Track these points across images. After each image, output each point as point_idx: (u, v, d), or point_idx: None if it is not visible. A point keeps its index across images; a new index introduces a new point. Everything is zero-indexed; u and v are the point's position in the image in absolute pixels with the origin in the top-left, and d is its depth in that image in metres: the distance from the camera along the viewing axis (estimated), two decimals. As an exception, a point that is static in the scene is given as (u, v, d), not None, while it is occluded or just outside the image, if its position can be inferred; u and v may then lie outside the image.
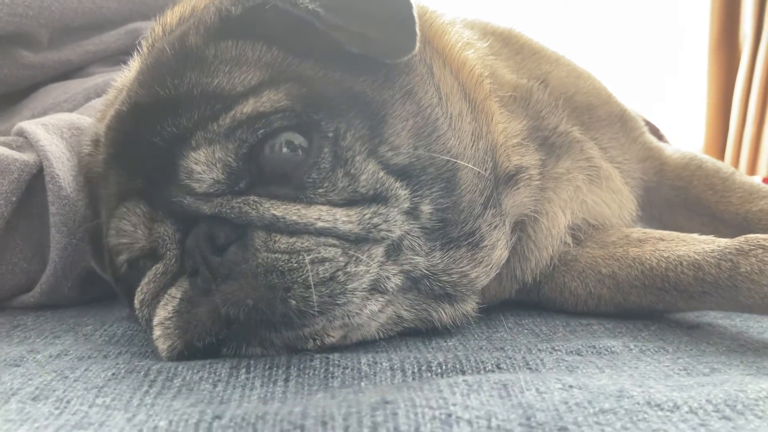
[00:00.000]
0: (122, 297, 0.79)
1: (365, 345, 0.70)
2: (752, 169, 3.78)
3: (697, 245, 0.78)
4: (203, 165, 0.65)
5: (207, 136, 0.65)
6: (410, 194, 0.68)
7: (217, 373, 0.61)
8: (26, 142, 0.91)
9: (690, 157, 1.07)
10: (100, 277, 0.90)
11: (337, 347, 0.68)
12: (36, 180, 0.89)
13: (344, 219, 0.65)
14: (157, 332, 0.66)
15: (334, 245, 0.64)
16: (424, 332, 0.75)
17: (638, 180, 1.02)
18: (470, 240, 0.73)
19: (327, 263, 0.63)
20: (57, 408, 0.54)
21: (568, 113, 0.94)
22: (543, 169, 0.86)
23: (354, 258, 0.64)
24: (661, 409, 0.53)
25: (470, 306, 0.76)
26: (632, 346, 0.71)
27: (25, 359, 0.67)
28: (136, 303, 0.70)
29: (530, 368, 0.64)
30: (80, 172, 0.84)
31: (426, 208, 0.70)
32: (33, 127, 0.91)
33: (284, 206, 0.64)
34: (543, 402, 0.52)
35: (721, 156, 3.94)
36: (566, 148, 0.91)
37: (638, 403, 0.53)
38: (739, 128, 4.02)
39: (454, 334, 0.76)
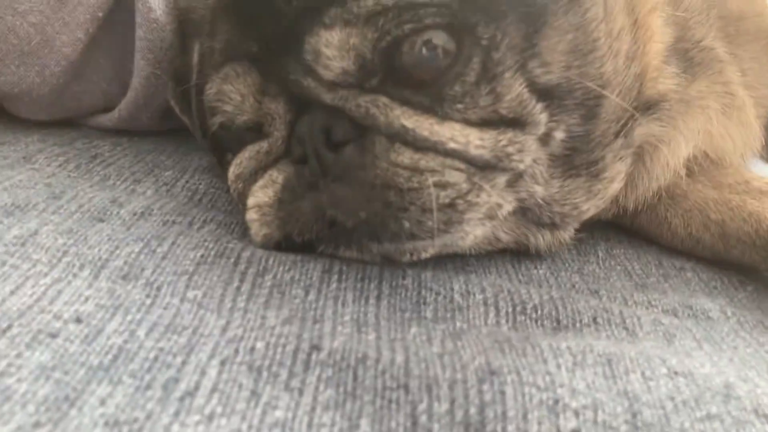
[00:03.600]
0: (209, 150, 0.75)
1: (455, 264, 0.66)
2: None
3: None
4: (334, 49, 0.57)
5: (344, 16, 0.56)
6: (548, 119, 0.61)
7: (309, 276, 0.59)
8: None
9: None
10: (181, 110, 0.85)
11: (429, 261, 0.65)
12: (123, -5, 0.81)
13: (477, 143, 0.58)
14: (253, 215, 0.63)
15: (459, 169, 0.58)
16: (514, 253, 0.71)
17: (767, 109, 0.92)
18: (591, 169, 0.67)
19: (449, 189, 0.57)
20: (148, 295, 0.52)
21: (718, 24, 0.83)
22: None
23: (477, 186, 0.58)
24: (768, 422, 0.50)
25: (568, 234, 0.71)
26: (729, 313, 0.68)
27: (109, 213, 0.64)
28: (231, 175, 0.66)
29: (627, 328, 0.61)
30: (177, 6, 0.76)
31: (559, 134, 0.63)
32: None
33: (416, 117, 0.58)
34: (649, 394, 0.50)
35: None
36: (705, 67, 0.81)
37: (745, 410, 0.50)
38: None
39: (545, 259, 0.72)
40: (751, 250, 0.75)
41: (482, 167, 0.59)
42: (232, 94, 0.62)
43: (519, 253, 0.71)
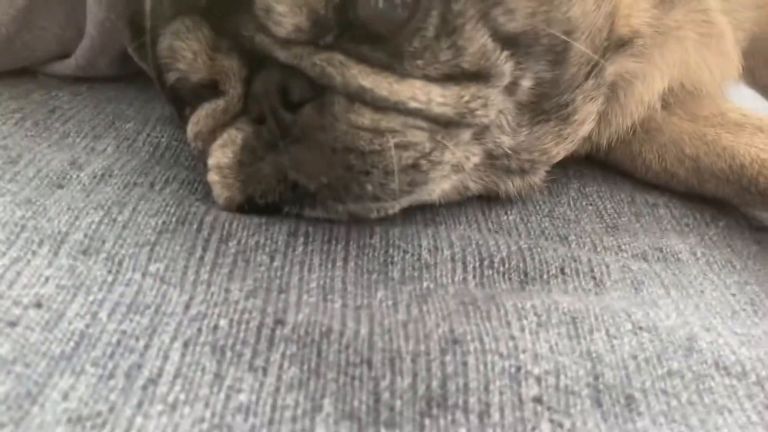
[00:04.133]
0: (167, 103, 0.73)
1: (424, 216, 0.66)
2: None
3: None
4: (286, 5, 0.54)
5: None
6: (513, 67, 0.59)
7: (274, 240, 0.58)
8: None
9: (812, 11, 0.93)
10: (140, 53, 0.82)
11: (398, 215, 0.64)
12: (70, -66, 0.76)
13: (439, 100, 0.56)
14: (214, 176, 0.61)
15: (421, 128, 0.56)
16: (485, 199, 0.71)
17: (747, 32, 0.89)
18: (561, 113, 0.66)
19: (412, 149, 0.56)
20: (109, 271, 0.52)
21: None
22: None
23: (440, 145, 0.57)
24: (729, 375, 0.51)
25: (539, 177, 0.71)
26: (699, 254, 0.68)
27: (68, 178, 0.62)
28: (190, 133, 0.64)
29: (595, 278, 0.61)
30: None
31: (526, 83, 0.61)
32: None
33: (374, 76, 0.55)
34: (613, 353, 0.50)
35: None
36: None
37: (706, 363, 0.51)
38: None
39: (515, 204, 0.72)
40: (725, 185, 0.75)
41: (445, 124, 0.57)
42: (184, 51, 0.60)
43: (489, 199, 0.71)
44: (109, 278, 0.51)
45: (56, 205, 0.58)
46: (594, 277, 0.61)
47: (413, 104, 0.56)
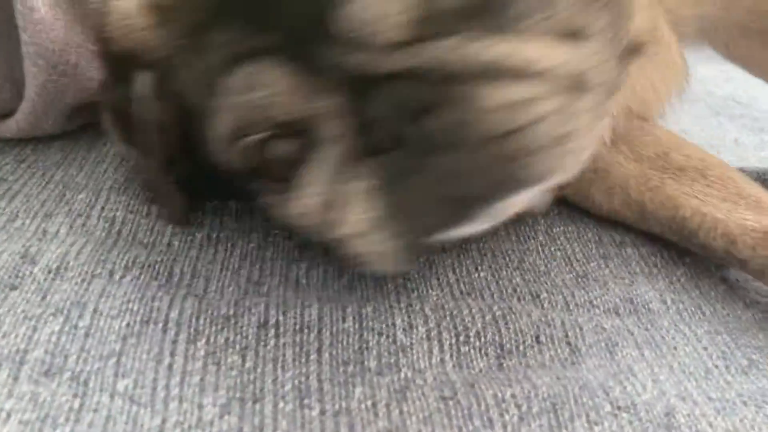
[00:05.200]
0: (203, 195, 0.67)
1: (397, 285, 0.64)
2: None
3: (739, 212, 0.71)
4: (376, 7, 0.47)
5: None
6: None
7: (244, 335, 0.56)
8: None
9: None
10: (86, 106, 0.78)
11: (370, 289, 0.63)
12: (-1, -9, 0.71)
13: (564, 59, 0.50)
14: (361, 247, 0.55)
15: (556, 93, 0.50)
16: (456, 254, 0.70)
17: (692, 28, 0.87)
18: None
19: (553, 118, 0.49)
20: (75, 394, 0.49)
21: None
22: None
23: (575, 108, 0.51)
24: (706, 451, 0.52)
25: None
26: (669, 301, 0.69)
27: (21, 276, 0.59)
28: (300, 208, 0.57)
29: (570, 344, 0.61)
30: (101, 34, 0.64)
31: None
32: None
33: (496, 46, 0.49)
34: (594, 443, 0.51)
35: None
36: None
37: (684, 440, 0.52)
38: None
39: (485, 256, 0.71)
40: (669, 232, 0.75)
41: (576, 85, 0.51)
42: (262, 101, 0.52)
43: (460, 256, 0.70)
44: (76, 404, 0.49)
45: (11, 315, 0.55)
46: (569, 343, 0.61)
47: (540, 66, 0.49)
